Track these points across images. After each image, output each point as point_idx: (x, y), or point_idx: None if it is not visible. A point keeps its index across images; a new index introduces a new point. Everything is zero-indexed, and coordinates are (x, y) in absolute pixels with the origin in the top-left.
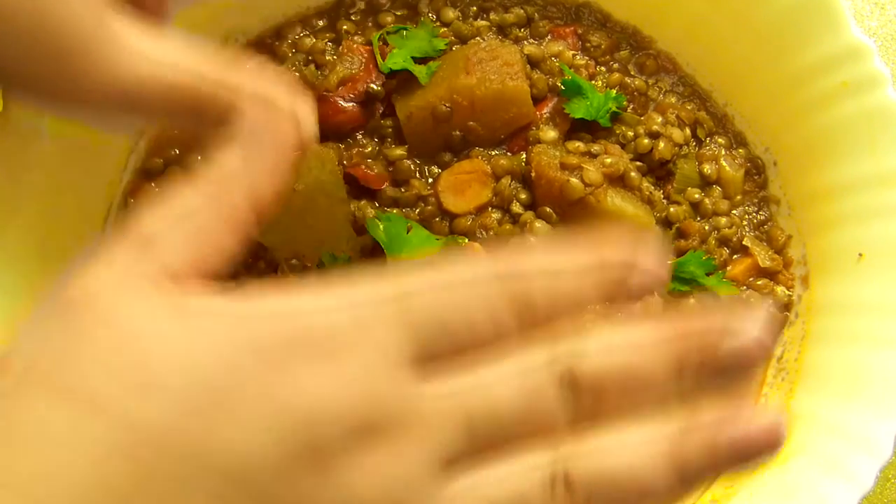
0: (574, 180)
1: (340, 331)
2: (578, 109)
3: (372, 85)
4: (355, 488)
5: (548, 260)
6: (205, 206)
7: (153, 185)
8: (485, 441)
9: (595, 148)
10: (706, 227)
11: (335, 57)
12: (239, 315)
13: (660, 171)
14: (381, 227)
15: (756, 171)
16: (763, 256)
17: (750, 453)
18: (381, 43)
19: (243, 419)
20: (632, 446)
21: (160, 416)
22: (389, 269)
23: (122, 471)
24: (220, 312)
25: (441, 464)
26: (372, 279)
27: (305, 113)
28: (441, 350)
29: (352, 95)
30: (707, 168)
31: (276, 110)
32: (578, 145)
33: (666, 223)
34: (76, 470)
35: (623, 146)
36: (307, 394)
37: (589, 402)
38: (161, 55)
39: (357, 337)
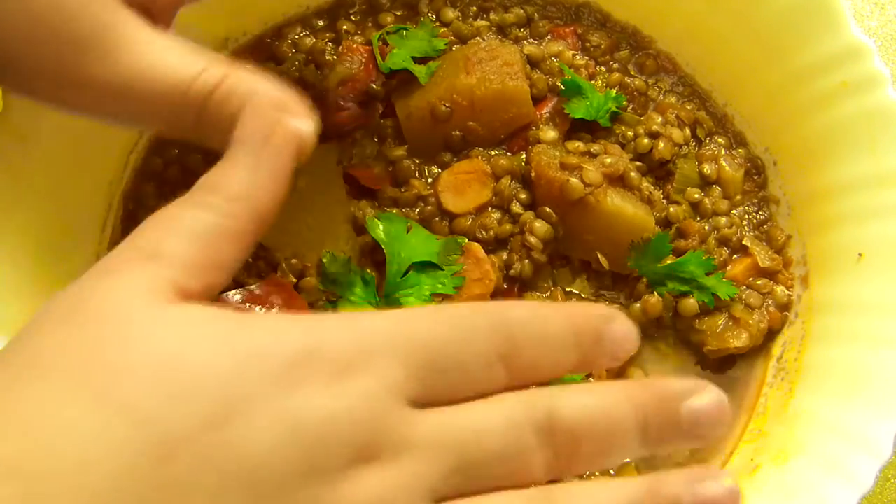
0: (574, 180)
1: (347, 356)
2: (578, 109)
3: (372, 85)
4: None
5: (533, 313)
6: (213, 226)
7: (152, 186)
8: (471, 478)
9: (595, 148)
10: (706, 227)
11: (335, 57)
12: (253, 333)
13: (659, 171)
14: (381, 226)
15: (756, 171)
16: (763, 256)
17: None
18: (380, 43)
19: (257, 431)
20: (602, 494)
21: (184, 422)
22: (395, 308)
23: (145, 469)
24: (234, 328)
25: (428, 494)
26: (374, 316)
27: (304, 116)
28: (437, 392)
29: (352, 95)
30: (707, 168)
31: (275, 117)
32: (578, 145)
33: (666, 223)
34: (102, 467)
35: (623, 146)
36: (316, 411)
37: (565, 446)
38: (167, 52)
39: (362, 364)
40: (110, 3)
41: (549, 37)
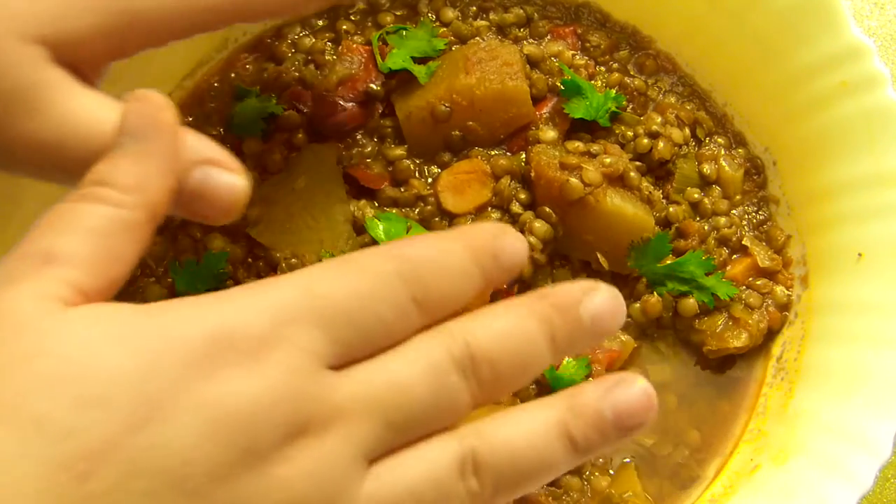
0: (573, 180)
1: (259, 333)
2: (578, 109)
3: (371, 85)
4: (287, 483)
5: (433, 247)
6: (108, 219)
7: None
8: (402, 430)
9: (594, 148)
10: (706, 227)
11: (335, 57)
12: (159, 324)
13: (659, 171)
14: (381, 226)
15: (755, 171)
16: (762, 256)
17: (630, 416)
18: (380, 43)
19: (179, 427)
20: (527, 423)
21: (100, 428)
22: (296, 272)
23: (69, 486)
24: (139, 323)
25: (363, 455)
26: (280, 282)
27: (237, 171)
28: (356, 348)
29: (351, 95)
30: (706, 168)
31: (160, 107)
32: (578, 145)
33: (665, 223)
34: (24, 489)
35: (622, 146)
36: (236, 397)
37: (486, 375)
38: (98, 107)
39: (276, 338)
40: (38, 62)
41: (548, 37)
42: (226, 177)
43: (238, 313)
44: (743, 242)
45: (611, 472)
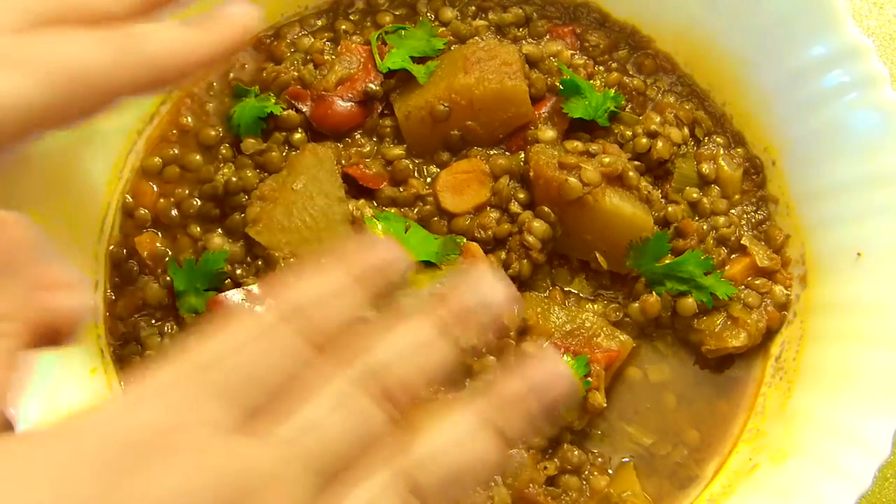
0: (572, 180)
1: (161, 423)
2: (577, 109)
3: (370, 84)
4: None
5: (318, 285)
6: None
7: (151, 184)
8: (333, 469)
9: (593, 147)
10: (704, 227)
11: (334, 56)
12: (62, 448)
13: (658, 171)
14: (380, 226)
15: (754, 171)
16: (761, 256)
17: (552, 394)
18: (379, 42)
19: None
20: (453, 430)
21: None
22: (181, 348)
23: None
24: (39, 452)
25: None
26: (165, 366)
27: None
28: (261, 400)
29: (350, 95)
30: (705, 167)
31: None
32: (577, 145)
33: (664, 222)
34: None
35: (621, 145)
36: (170, 490)
37: (400, 395)
38: None
39: (180, 422)
40: None
41: (547, 36)
42: (67, 300)
43: (132, 410)
44: (742, 242)
45: (610, 471)
